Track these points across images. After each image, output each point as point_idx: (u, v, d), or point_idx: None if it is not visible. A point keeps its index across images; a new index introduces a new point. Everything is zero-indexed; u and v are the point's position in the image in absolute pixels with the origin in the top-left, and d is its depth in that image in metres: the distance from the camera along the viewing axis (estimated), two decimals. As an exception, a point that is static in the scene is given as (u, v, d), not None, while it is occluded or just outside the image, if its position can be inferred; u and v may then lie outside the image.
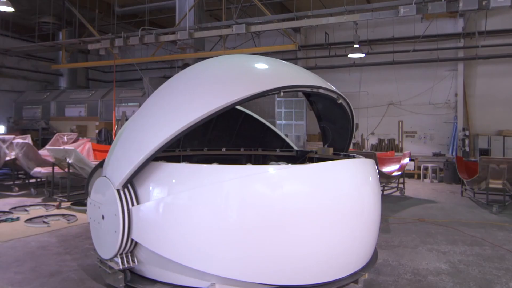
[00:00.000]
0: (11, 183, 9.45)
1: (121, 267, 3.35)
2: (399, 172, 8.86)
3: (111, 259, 3.42)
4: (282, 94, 3.49)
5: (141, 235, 3.30)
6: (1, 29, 14.75)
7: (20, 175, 10.88)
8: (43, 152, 9.15)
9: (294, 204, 3.17)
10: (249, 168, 3.29)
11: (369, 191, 3.68)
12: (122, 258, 3.38)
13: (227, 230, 3.11)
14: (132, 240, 3.33)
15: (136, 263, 3.44)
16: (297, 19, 9.36)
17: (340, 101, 4.08)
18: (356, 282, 3.88)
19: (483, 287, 3.87)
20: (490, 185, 7.45)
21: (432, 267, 4.42)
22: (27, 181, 10.19)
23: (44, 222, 6.10)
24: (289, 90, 3.58)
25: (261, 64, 3.90)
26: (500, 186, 7.40)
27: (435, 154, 13.55)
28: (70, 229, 5.87)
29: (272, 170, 3.27)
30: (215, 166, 3.34)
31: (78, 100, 14.14)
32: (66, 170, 7.69)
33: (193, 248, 3.15)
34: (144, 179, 3.35)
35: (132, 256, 3.44)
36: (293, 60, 14.88)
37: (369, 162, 3.85)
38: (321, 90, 3.86)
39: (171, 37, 9.44)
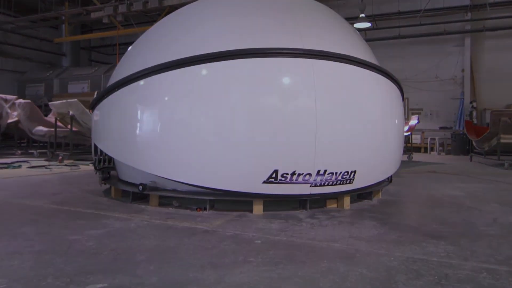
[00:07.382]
0: (13, 151, 9.32)
1: None
2: (409, 133, 8.75)
3: None
4: None
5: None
6: (3, 8, 14.64)
7: (22, 144, 10.76)
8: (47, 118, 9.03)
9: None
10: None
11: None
12: None
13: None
14: None
15: None
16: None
17: None
18: (370, 199, 3.75)
19: (502, 203, 3.71)
20: (502, 140, 7.25)
21: (447, 193, 4.25)
22: (29, 150, 10.05)
23: (46, 168, 5.98)
24: None
25: None
26: (512, 141, 7.21)
27: (441, 128, 13.36)
28: (72, 173, 5.73)
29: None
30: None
31: (81, 77, 13.99)
32: (69, 127, 7.57)
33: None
34: None
35: None
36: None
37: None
38: None
39: (175, 1, 9.32)
